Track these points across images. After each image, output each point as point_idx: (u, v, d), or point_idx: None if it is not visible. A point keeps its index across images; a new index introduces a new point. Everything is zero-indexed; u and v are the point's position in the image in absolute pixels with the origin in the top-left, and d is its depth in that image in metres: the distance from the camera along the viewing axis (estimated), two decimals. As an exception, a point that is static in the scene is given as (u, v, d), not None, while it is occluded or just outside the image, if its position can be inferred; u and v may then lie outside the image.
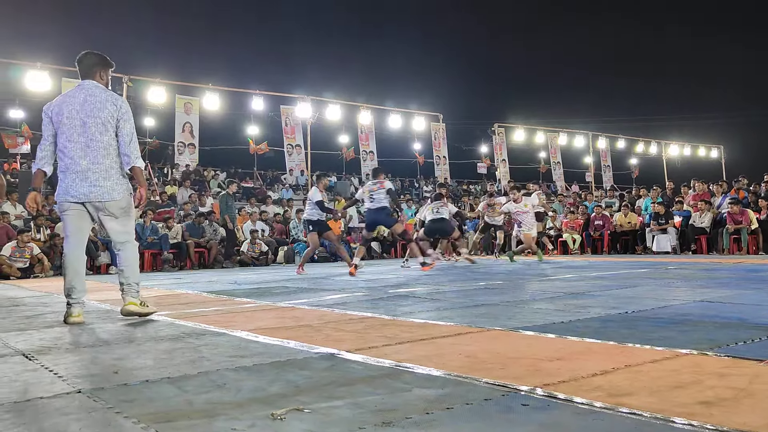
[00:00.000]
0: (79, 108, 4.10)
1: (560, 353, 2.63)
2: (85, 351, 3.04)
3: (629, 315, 3.80)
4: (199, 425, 1.75)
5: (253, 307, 4.86)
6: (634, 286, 5.73)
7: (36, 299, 6.18)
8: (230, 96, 20.49)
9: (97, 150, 4.06)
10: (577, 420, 1.72)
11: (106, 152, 4.08)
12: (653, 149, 30.05)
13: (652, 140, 29.92)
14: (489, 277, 7.51)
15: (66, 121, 4.09)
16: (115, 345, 3.22)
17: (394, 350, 2.81)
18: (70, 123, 4.08)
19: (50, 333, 3.66)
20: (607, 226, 15.04)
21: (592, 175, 27.56)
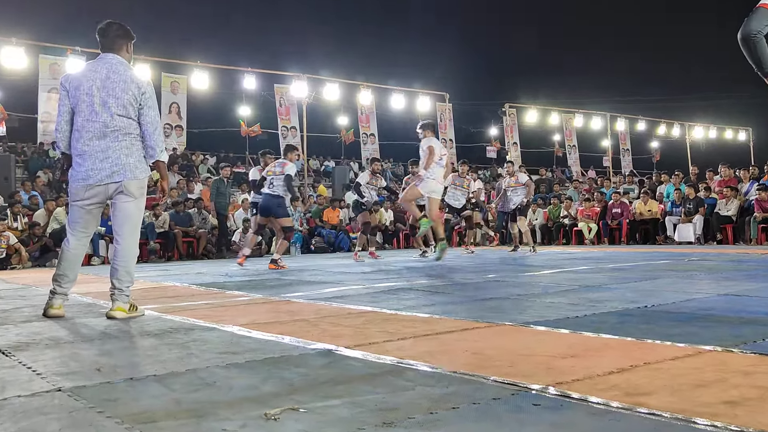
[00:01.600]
0: (101, 85, 4.01)
1: (574, 350, 2.63)
2: (65, 347, 3.05)
3: (648, 309, 3.80)
4: (186, 426, 1.76)
5: (245, 301, 4.87)
6: (654, 279, 5.73)
7: (13, 291, 6.21)
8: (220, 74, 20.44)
9: (117, 130, 4.00)
10: (592, 421, 1.72)
11: (127, 132, 4.03)
12: (676, 131, 29.97)
13: (675, 122, 29.83)
14: (498, 269, 7.51)
15: (85, 98, 4.01)
16: (97, 340, 3.23)
17: (395, 346, 2.81)
18: (89, 101, 4.00)
19: (28, 327, 3.68)
20: (626, 215, 15.03)
21: (610, 160, 27.53)
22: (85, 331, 3.59)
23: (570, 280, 5.94)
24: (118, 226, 4.09)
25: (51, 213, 11.97)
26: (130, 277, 4.09)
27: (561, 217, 15.94)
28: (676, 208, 14.37)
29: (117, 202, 4.08)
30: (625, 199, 15.66)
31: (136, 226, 4.16)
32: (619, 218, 15.08)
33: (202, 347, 2.92)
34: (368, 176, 10.99)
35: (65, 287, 4.10)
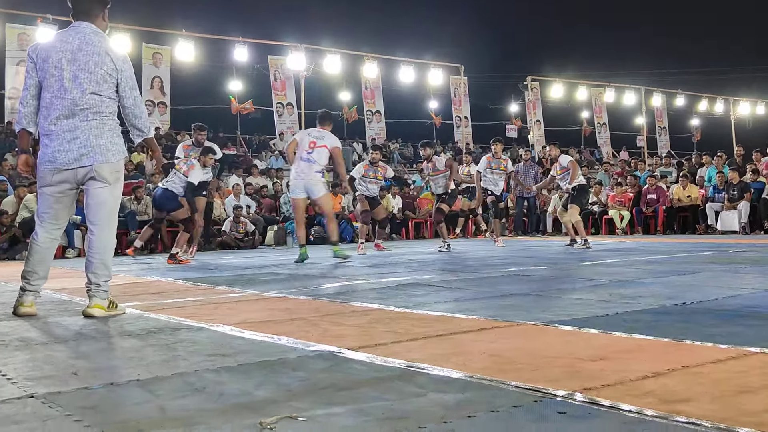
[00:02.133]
0: (71, 57, 4.00)
1: (604, 352, 2.63)
2: (38, 348, 3.07)
3: (687, 306, 3.80)
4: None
5: (237, 298, 4.89)
6: (693, 273, 5.73)
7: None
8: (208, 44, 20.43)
9: (87, 109, 4.00)
10: (623, 430, 1.73)
11: (98, 110, 4.02)
12: (719, 107, 29.77)
13: (718, 96, 29.63)
14: (519, 262, 7.51)
15: (54, 71, 4.00)
16: (73, 342, 3.25)
17: (405, 348, 2.82)
18: (58, 75, 4.00)
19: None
20: (662, 201, 14.99)
21: (645, 139, 27.42)
22: (59, 331, 3.61)
23: (599, 274, 5.94)
24: (91, 215, 4.08)
25: (21, 200, 12.01)
26: (108, 271, 4.09)
27: (590, 204, 15.91)
28: (718, 193, 14.33)
29: (89, 189, 4.06)
30: (661, 184, 15.62)
31: (112, 214, 4.15)
32: (655, 205, 15.04)
33: (190, 349, 2.93)
34: (363, 168, 10.68)
35: (35, 284, 4.11)
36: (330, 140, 8.48)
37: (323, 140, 8.41)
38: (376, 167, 10.67)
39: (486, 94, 30.39)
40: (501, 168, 11.20)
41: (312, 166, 8.32)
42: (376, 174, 10.63)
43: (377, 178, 10.66)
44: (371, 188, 10.64)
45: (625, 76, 28.51)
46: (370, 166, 10.70)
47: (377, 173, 10.63)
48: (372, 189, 10.65)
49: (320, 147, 8.36)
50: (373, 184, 10.65)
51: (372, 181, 10.61)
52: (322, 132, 8.56)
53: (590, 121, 29.72)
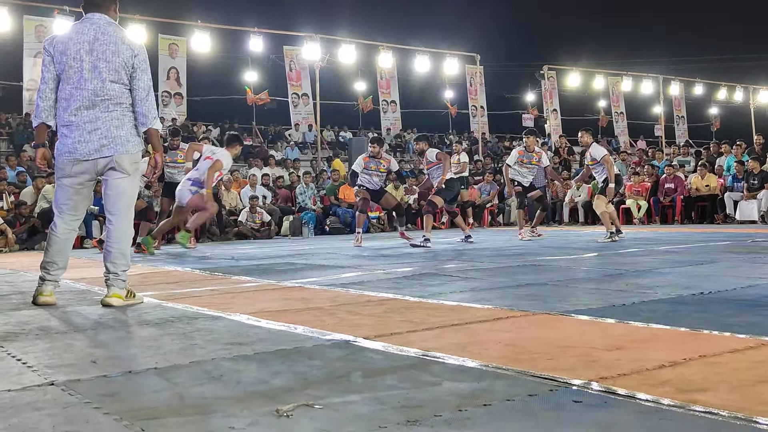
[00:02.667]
0: (89, 48, 4.02)
1: (620, 341, 2.63)
2: (57, 337, 3.11)
3: (705, 296, 3.78)
4: (191, 423, 1.79)
5: (253, 287, 4.92)
6: (711, 263, 5.69)
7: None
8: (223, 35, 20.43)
9: (108, 99, 4.02)
10: (640, 420, 1.73)
11: (119, 101, 4.05)
12: (738, 96, 29.43)
13: (737, 85, 29.29)
14: (535, 252, 7.50)
15: (72, 63, 4.02)
16: (92, 330, 3.28)
17: (420, 337, 2.83)
18: (78, 66, 4.01)
19: (17, 316, 3.75)
20: (680, 190, 14.88)
21: (663, 128, 27.17)
22: (78, 320, 3.64)
23: (616, 263, 5.91)
24: (110, 205, 4.11)
25: (40, 191, 12.11)
26: (126, 260, 4.12)
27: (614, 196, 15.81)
28: (737, 182, 14.19)
29: (108, 179, 4.09)
30: (679, 173, 15.49)
31: (130, 204, 4.19)
32: (673, 194, 14.93)
33: (207, 337, 2.96)
34: (363, 161, 10.08)
35: (54, 274, 4.14)
36: (218, 154, 8.74)
37: (215, 154, 8.73)
38: (378, 159, 10.10)
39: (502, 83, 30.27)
40: (533, 163, 10.66)
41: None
42: (379, 166, 10.09)
43: (380, 170, 10.13)
44: (374, 181, 10.11)
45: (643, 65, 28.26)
46: (371, 159, 10.09)
47: (380, 165, 10.10)
48: (374, 182, 10.12)
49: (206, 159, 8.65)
50: (375, 177, 10.10)
51: (375, 174, 10.08)
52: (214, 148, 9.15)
53: (607, 111, 29.53)
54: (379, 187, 10.29)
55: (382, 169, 10.13)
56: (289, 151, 20.69)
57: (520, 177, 10.71)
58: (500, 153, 23.08)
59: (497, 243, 9.54)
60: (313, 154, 20.74)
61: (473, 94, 26.20)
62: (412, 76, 23.71)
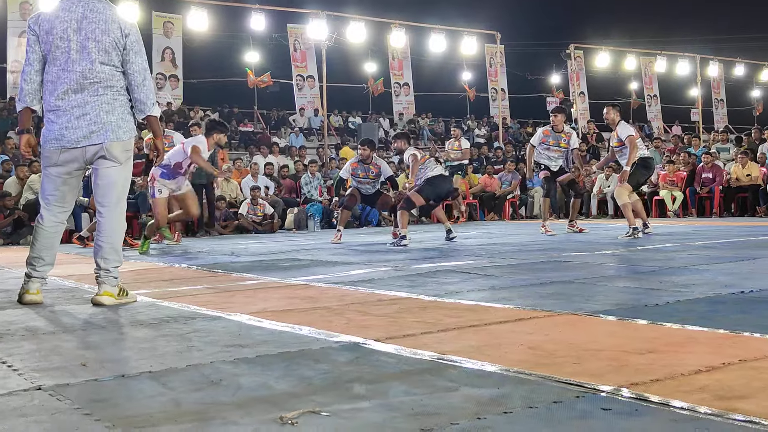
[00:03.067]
0: (77, 27, 4.03)
1: (653, 344, 2.62)
2: (45, 338, 3.12)
3: (745, 295, 3.76)
4: (188, 430, 1.80)
5: (255, 285, 4.94)
6: (752, 259, 5.66)
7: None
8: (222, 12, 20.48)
9: (98, 82, 4.03)
10: (674, 429, 1.72)
11: (109, 84, 4.06)
12: (783, 77, 29.26)
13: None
14: (560, 247, 7.48)
15: (59, 43, 4.03)
16: (81, 331, 3.30)
17: (435, 339, 2.83)
18: (65, 46, 4.02)
19: (1, 316, 3.77)
20: (719, 180, 14.80)
21: (700, 113, 27.02)
22: (67, 320, 3.67)
23: (649, 260, 5.89)
24: (100, 196, 4.12)
25: (24, 181, 12.18)
26: (118, 256, 4.14)
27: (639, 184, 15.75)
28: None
29: (98, 168, 4.09)
30: (718, 162, 15.41)
31: (122, 195, 4.19)
32: (711, 185, 14.86)
33: (205, 339, 2.97)
34: (351, 167, 9.66)
35: (41, 271, 4.17)
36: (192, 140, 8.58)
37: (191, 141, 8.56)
38: (368, 165, 9.51)
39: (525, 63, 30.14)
40: (561, 145, 9.98)
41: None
42: (368, 173, 9.52)
43: (369, 177, 9.54)
44: (363, 188, 9.68)
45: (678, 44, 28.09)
46: (359, 164, 9.56)
47: (369, 172, 9.51)
48: (365, 189, 9.69)
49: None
50: (366, 184, 9.63)
51: (364, 181, 9.59)
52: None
53: (639, 93, 29.39)
54: (373, 191, 9.79)
55: (371, 176, 9.56)
56: (293, 138, 20.71)
57: (547, 160, 10.11)
58: (522, 139, 23.02)
59: (519, 237, 9.53)
60: (320, 141, 20.75)
61: (493, 76, 26.13)
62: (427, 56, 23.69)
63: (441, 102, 27.52)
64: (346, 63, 24.76)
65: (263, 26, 19.38)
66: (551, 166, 10.08)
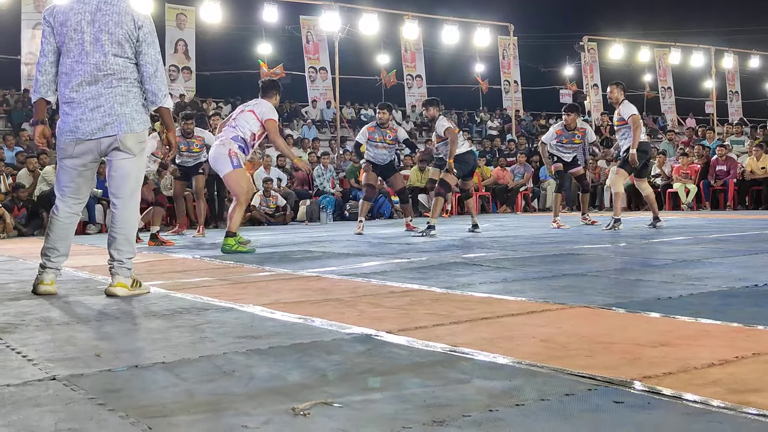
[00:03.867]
0: (91, 19, 4.05)
1: (666, 337, 2.61)
2: (59, 329, 3.15)
3: (760, 289, 3.74)
4: (201, 421, 1.81)
5: (268, 276, 4.95)
6: (766, 252, 5.63)
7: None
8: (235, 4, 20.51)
9: (111, 74, 4.05)
10: (687, 423, 1.72)
11: (123, 76, 4.08)
12: (799, 69, 29.02)
13: (798, 57, 28.85)
14: (573, 240, 7.46)
15: (73, 35, 4.04)
16: (95, 322, 3.32)
17: (448, 331, 2.83)
18: (78, 38, 4.04)
19: (16, 306, 3.80)
20: (733, 173, 14.71)
21: (714, 105, 26.86)
22: (81, 310, 3.69)
23: (662, 253, 5.87)
24: (114, 188, 4.14)
25: (35, 172, 12.21)
26: (132, 247, 4.16)
27: (653, 176, 15.67)
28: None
29: (113, 160, 4.12)
30: (732, 154, 15.31)
31: (137, 187, 4.22)
32: (725, 178, 14.77)
33: (218, 330, 2.98)
34: (368, 131, 9.66)
35: (56, 261, 4.19)
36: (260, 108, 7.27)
37: (258, 106, 7.30)
38: (385, 129, 9.61)
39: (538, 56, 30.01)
40: (575, 141, 10.00)
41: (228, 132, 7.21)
42: (385, 137, 9.59)
43: (386, 141, 9.63)
44: (381, 154, 9.67)
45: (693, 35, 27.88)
46: (376, 128, 9.62)
47: (386, 136, 9.60)
48: (382, 155, 9.69)
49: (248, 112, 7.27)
50: (382, 149, 9.65)
51: (380, 146, 9.61)
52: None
53: (653, 85, 29.20)
54: (388, 162, 9.84)
55: (388, 140, 9.66)
56: (305, 130, 20.73)
57: (560, 153, 10.10)
58: (535, 132, 22.95)
59: (531, 230, 9.50)
60: (332, 133, 20.76)
61: (506, 68, 26.03)
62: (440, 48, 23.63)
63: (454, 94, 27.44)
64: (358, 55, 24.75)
65: (276, 18, 19.39)
66: (564, 157, 10.06)
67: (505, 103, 26.48)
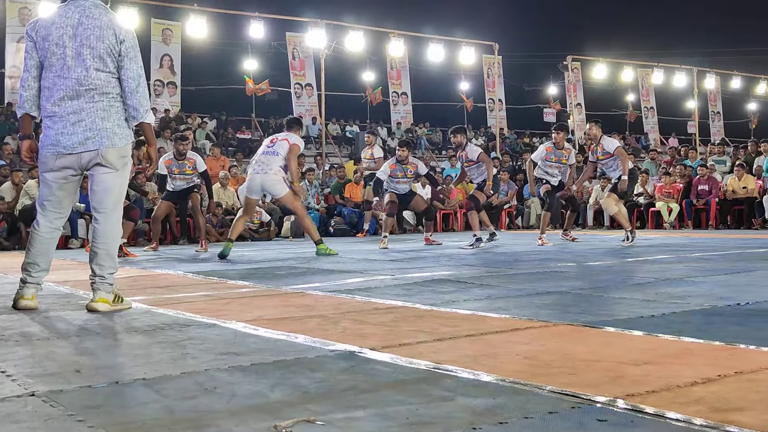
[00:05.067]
0: (73, 33, 4.03)
1: (649, 356, 2.62)
2: (39, 344, 3.12)
3: (742, 308, 3.76)
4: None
5: (251, 292, 4.93)
6: (749, 271, 5.66)
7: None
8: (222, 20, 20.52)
9: (93, 89, 4.03)
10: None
11: (105, 91, 4.06)
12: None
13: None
14: (556, 258, 7.48)
15: (55, 49, 4.03)
16: (76, 337, 3.30)
17: (431, 348, 2.83)
18: (60, 53, 4.03)
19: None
20: (715, 193, 14.83)
21: (697, 125, 27.10)
22: (61, 325, 3.65)
23: (645, 271, 5.89)
24: (96, 202, 4.12)
25: (19, 186, 12.14)
26: (113, 262, 4.14)
27: (635, 195, 15.77)
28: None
29: (95, 175, 4.10)
30: (714, 174, 15.44)
31: (118, 201, 4.20)
32: (707, 197, 14.88)
33: (200, 347, 2.96)
34: (389, 168, 10.26)
35: (36, 276, 4.16)
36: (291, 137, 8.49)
37: (290, 137, 8.50)
38: (405, 165, 10.25)
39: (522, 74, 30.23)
40: (562, 161, 10.26)
41: (274, 159, 8.30)
42: (405, 173, 10.26)
43: (407, 176, 10.32)
44: (400, 188, 10.37)
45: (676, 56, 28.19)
46: (397, 165, 10.25)
47: (407, 171, 10.25)
48: (401, 188, 10.37)
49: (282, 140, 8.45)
50: (404, 184, 10.36)
51: (402, 181, 10.32)
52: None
53: (636, 105, 29.46)
54: (408, 191, 10.51)
55: (409, 175, 10.33)
56: (291, 146, 20.70)
57: (548, 176, 10.31)
58: (519, 150, 23.05)
59: (515, 247, 9.53)
60: (317, 149, 20.76)
61: (491, 87, 26.19)
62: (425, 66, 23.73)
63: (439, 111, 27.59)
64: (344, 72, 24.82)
65: (262, 34, 19.39)
66: (552, 181, 10.28)
67: (489, 121, 26.63)
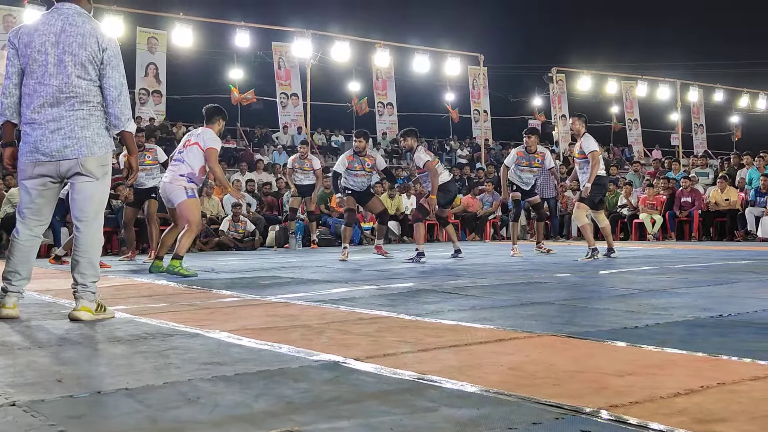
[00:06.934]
0: (55, 40, 4.02)
1: (632, 366, 2.63)
2: (20, 353, 3.09)
3: (724, 319, 3.78)
4: (164, 449, 1.78)
5: (235, 302, 4.91)
6: (731, 283, 5.70)
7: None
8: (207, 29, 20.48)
9: (74, 97, 4.02)
10: (653, 451, 1.72)
11: (85, 99, 4.05)
12: (762, 103, 29.62)
13: (761, 92, 29.49)
14: (540, 269, 7.50)
15: (37, 56, 4.02)
16: (58, 347, 3.27)
17: (416, 359, 2.83)
18: (42, 59, 4.02)
19: (-24, 330, 3.73)
20: (698, 204, 14.93)
21: (680, 138, 27.31)
22: (43, 335, 3.62)
23: (629, 282, 5.92)
24: (78, 210, 4.10)
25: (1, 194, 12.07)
26: (95, 271, 4.11)
27: (619, 207, 15.86)
28: (760, 197, 14.24)
29: (75, 183, 4.09)
30: (697, 186, 15.55)
31: (99, 210, 4.18)
32: (690, 209, 14.98)
33: (184, 356, 2.94)
34: (347, 160, 9.72)
35: (17, 285, 4.13)
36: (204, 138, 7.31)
37: (201, 137, 7.34)
38: (363, 157, 9.74)
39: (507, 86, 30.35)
40: (535, 165, 10.25)
41: (179, 168, 7.26)
42: (363, 165, 9.73)
43: (365, 169, 9.80)
44: (359, 182, 9.83)
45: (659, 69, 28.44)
46: (355, 157, 9.72)
47: (364, 164, 9.73)
48: (359, 183, 9.84)
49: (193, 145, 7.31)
50: (361, 177, 9.82)
51: (360, 174, 9.77)
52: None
53: (620, 117, 29.64)
54: (365, 188, 10.05)
55: (367, 168, 9.82)
56: (276, 155, 20.69)
57: (519, 181, 10.32)
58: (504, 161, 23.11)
59: (500, 258, 9.55)
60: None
61: (476, 98, 26.28)
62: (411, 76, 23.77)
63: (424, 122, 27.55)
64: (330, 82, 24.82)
65: (248, 43, 19.40)
66: (522, 186, 10.34)
67: (474, 131, 26.69)
